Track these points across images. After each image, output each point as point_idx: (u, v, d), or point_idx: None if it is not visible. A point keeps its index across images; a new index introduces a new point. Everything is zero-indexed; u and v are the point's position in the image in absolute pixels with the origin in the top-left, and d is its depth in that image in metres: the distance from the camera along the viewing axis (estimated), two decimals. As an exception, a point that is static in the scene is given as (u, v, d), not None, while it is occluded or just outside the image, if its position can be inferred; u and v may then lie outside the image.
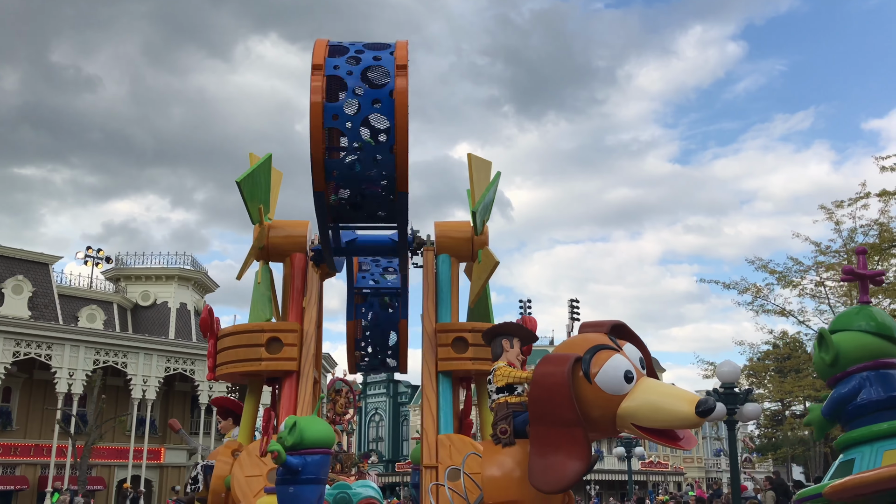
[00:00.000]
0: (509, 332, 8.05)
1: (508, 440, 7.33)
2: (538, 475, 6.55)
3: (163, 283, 47.80)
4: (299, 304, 9.22)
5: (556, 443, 6.43)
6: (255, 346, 8.62)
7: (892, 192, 26.80)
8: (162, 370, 43.15)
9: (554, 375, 6.42)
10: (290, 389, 8.69)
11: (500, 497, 7.14)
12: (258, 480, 7.89)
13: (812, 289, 31.07)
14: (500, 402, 7.57)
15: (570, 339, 7.13)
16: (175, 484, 42.72)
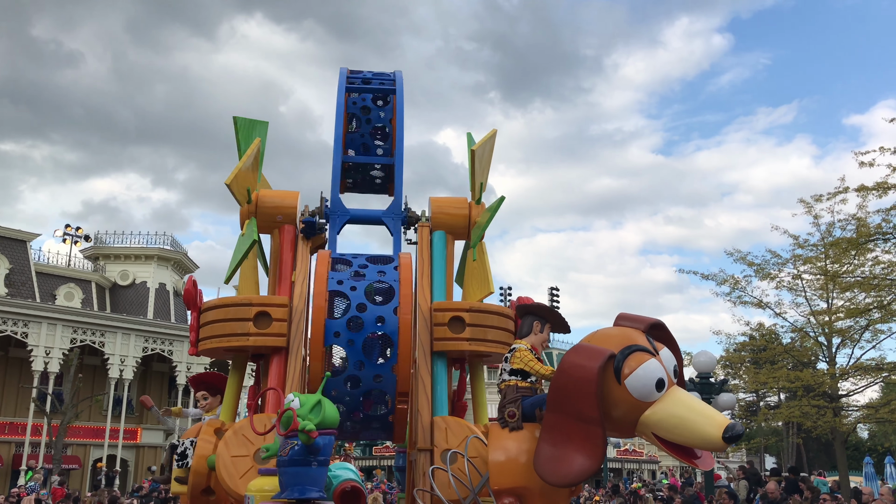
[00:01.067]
0: (543, 316, 7.55)
1: (516, 424, 6.89)
2: (544, 463, 6.16)
3: (142, 263, 46.91)
4: (288, 277, 8.66)
5: (570, 435, 6.05)
6: (243, 320, 8.04)
7: (870, 188, 26.77)
8: (140, 350, 42.39)
9: (583, 369, 5.99)
10: (278, 367, 8.14)
11: (507, 482, 6.68)
12: (245, 461, 7.34)
13: (789, 281, 31.04)
14: (509, 384, 7.12)
15: (606, 330, 6.57)
16: (151, 464, 42.10)
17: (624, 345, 6.11)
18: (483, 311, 8.61)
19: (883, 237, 27.07)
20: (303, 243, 8.86)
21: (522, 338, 7.44)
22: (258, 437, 7.45)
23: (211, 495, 8.16)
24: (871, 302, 28.34)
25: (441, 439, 7.83)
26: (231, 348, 8.29)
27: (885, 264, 27.73)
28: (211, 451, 7.96)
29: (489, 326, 8.59)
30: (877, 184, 26.42)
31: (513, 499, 6.66)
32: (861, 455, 41.21)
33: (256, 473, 7.26)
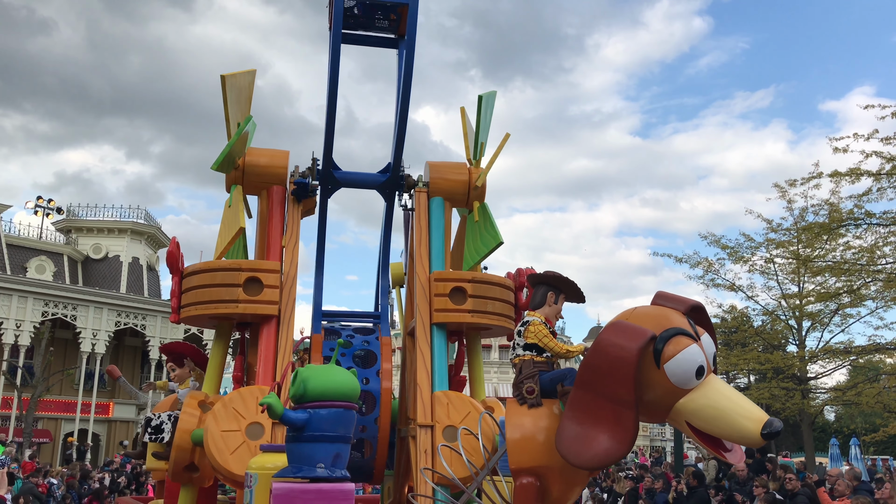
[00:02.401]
0: (558, 285, 6.93)
1: (535, 400, 6.32)
2: (568, 443, 5.62)
3: (115, 237, 45.57)
4: (278, 242, 7.99)
5: (599, 416, 5.56)
6: (231, 286, 7.37)
7: (843, 174, 26.60)
8: (112, 324, 41.32)
9: (622, 349, 5.48)
10: (269, 337, 7.49)
11: (527, 461, 6.11)
12: (236, 436, 6.71)
13: (762, 265, 30.91)
14: (525, 358, 6.54)
15: (645, 309, 6.03)
16: (123, 438, 41.16)
17: (665, 326, 5.61)
18: (485, 281, 8.04)
19: (854, 223, 26.97)
20: (293, 206, 8.19)
21: (535, 309, 6.85)
22: (249, 411, 6.82)
23: (194, 472, 7.53)
24: (841, 286, 28.31)
25: (443, 415, 7.25)
26: (217, 315, 7.63)
27: (855, 249, 27.64)
28: (195, 424, 7.33)
29: (491, 298, 8.02)
30: (850, 170, 26.27)
31: (532, 478, 6.11)
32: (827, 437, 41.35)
33: (248, 449, 6.65)
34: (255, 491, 5.35)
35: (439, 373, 7.65)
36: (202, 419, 7.35)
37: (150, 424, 8.61)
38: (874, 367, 34.68)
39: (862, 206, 26.53)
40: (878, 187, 26.32)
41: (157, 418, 8.59)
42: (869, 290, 27.46)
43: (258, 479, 5.38)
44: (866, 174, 25.77)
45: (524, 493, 6.08)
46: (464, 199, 8.78)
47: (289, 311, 7.55)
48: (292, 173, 8.36)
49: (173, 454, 7.28)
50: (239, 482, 6.66)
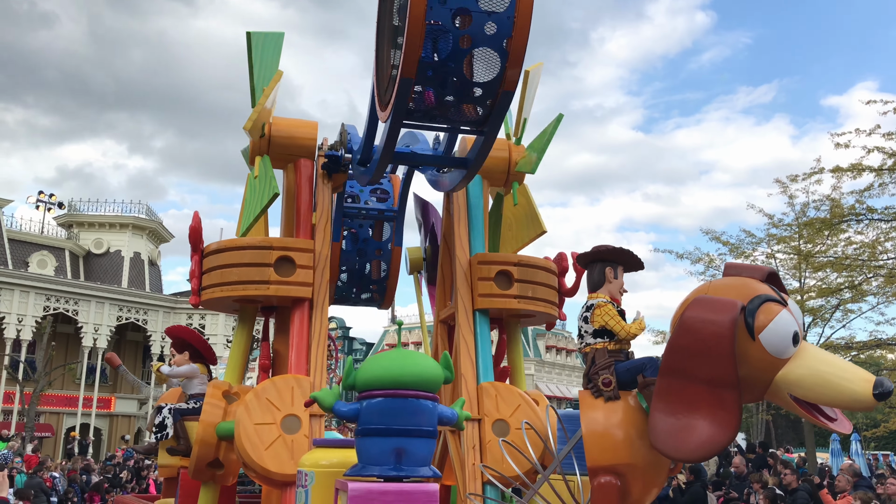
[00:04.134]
0: (614, 259, 6.17)
1: (613, 393, 5.58)
2: (665, 437, 5.01)
3: (116, 232, 44.48)
4: (308, 219, 7.17)
5: (696, 402, 4.98)
6: (261, 265, 6.54)
7: (845, 169, 26.12)
8: (114, 319, 40.33)
9: (714, 324, 4.94)
10: (301, 321, 6.68)
11: (606, 459, 5.36)
12: (270, 429, 5.89)
13: (763, 261, 30.20)
14: (597, 347, 5.76)
15: (725, 280, 5.50)
16: (125, 433, 40.23)
17: (750, 295, 5.12)
18: (532, 265, 7.25)
19: (856, 218, 26.47)
20: (323, 181, 7.37)
21: (595, 290, 6.07)
22: (284, 402, 6.01)
23: (218, 469, 6.70)
24: (842, 282, 27.79)
25: (492, 407, 6.47)
26: (243, 298, 6.80)
27: (857, 245, 27.11)
28: (220, 417, 6.50)
29: (538, 283, 7.24)
30: (851, 165, 25.87)
31: (611, 477, 5.34)
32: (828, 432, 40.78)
33: (285, 444, 5.83)
34: (311, 491, 4.56)
35: (484, 362, 6.86)
36: (227, 411, 6.54)
37: (154, 422, 7.86)
38: (875, 362, 34.15)
39: (863, 202, 26.10)
40: (880, 182, 25.88)
41: (159, 413, 7.81)
42: (870, 285, 26.94)
43: (315, 477, 4.59)
44: (868, 169, 25.36)
45: (605, 492, 5.32)
46: (502, 178, 7.98)
47: (322, 294, 6.74)
48: (320, 146, 7.55)
49: (196, 449, 6.46)
50: (275, 481, 5.86)
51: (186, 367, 7.81)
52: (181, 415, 7.69)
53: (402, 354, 4.50)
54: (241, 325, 7.22)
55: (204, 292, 6.80)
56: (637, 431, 5.45)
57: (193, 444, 6.54)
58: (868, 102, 24.52)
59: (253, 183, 6.84)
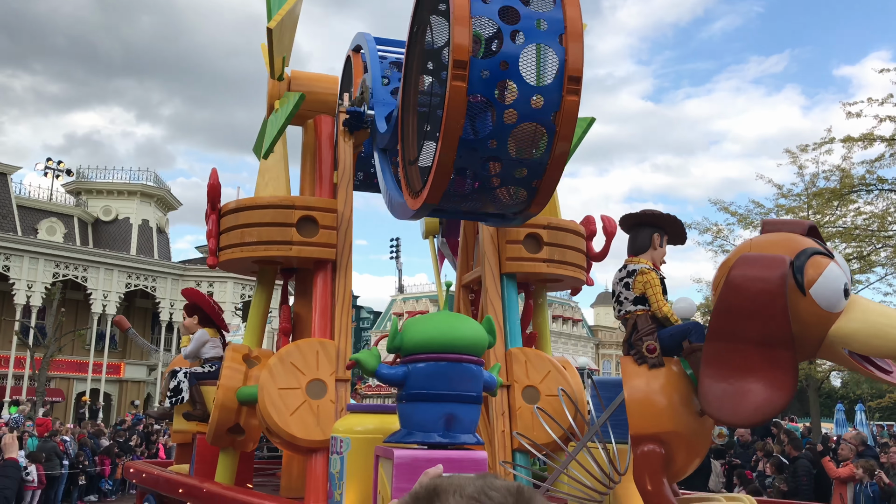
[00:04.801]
0: (664, 226, 5.85)
1: (657, 360, 5.29)
2: (718, 402, 4.75)
3: (125, 199, 44.11)
4: (330, 178, 6.83)
5: (748, 365, 4.73)
6: (283, 225, 6.20)
7: (856, 139, 25.72)
8: (123, 286, 40.09)
9: (764, 281, 4.69)
10: (325, 284, 6.36)
11: (650, 427, 5.09)
12: (295, 394, 5.60)
13: (771, 231, 29.80)
14: (639, 314, 5.46)
15: (768, 237, 5.21)
16: (134, 398, 40.24)
17: (797, 249, 4.89)
18: (562, 228, 6.91)
19: (866, 188, 26.11)
20: (344, 138, 7.01)
21: (637, 254, 5.75)
22: (309, 366, 5.71)
23: (239, 434, 6.43)
24: (851, 252, 27.43)
25: (521, 374, 6.16)
26: (263, 259, 6.48)
27: (866, 215, 26.76)
28: (241, 381, 6.22)
29: (567, 246, 6.91)
30: (862, 135, 25.45)
31: (655, 445, 5.06)
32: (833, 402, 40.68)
33: (310, 409, 5.54)
34: (347, 457, 4.27)
35: (512, 328, 6.56)
36: (248, 375, 6.26)
37: (169, 386, 7.60)
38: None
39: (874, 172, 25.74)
40: (892, 153, 25.49)
41: (174, 378, 7.54)
42: (879, 256, 26.63)
43: (351, 444, 4.30)
44: (879, 139, 24.96)
45: (649, 461, 5.05)
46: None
47: (346, 255, 6.42)
48: (341, 101, 7.18)
49: (216, 414, 6.18)
50: (301, 447, 5.59)
51: (196, 340, 7.56)
52: (197, 379, 7.43)
53: (451, 317, 4.20)
54: (260, 287, 6.92)
55: (222, 253, 6.48)
56: (681, 399, 5.18)
57: (213, 408, 6.26)
58: (881, 71, 24.08)
59: (273, 116, 6.47)
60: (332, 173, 6.82)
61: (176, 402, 7.50)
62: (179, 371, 7.55)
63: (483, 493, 1.21)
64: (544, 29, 4.65)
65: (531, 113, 4.68)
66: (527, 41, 4.62)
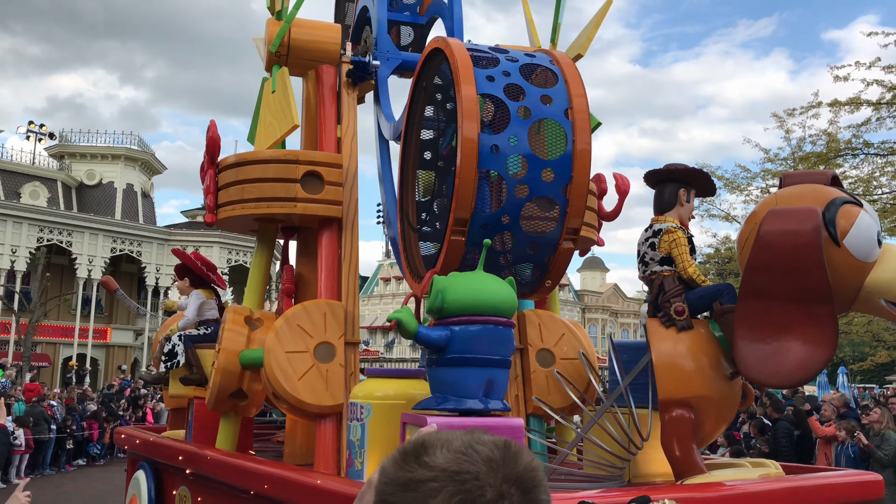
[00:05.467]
0: (690, 181, 5.50)
1: (686, 322, 5.00)
2: (757, 365, 4.50)
3: (109, 163, 43.19)
4: (332, 132, 6.41)
5: (784, 323, 4.47)
6: (286, 180, 5.79)
7: (843, 103, 25.53)
8: (108, 250, 39.49)
9: (798, 234, 4.44)
10: (330, 243, 5.98)
11: (679, 391, 4.81)
12: (303, 357, 5.24)
13: (758, 195, 29.69)
14: (665, 274, 5.14)
15: (791, 189, 4.93)
16: (121, 363, 39.82)
17: (826, 199, 4.65)
18: None
19: (852, 153, 26.03)
20: (347, 91, 6.59)
21: (664, 212, 5.41)
22: (317, 329, 5.36)
23: (242, 399, 6.10)
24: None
25: (535, 336, 5.84)
26: (265, 217, 6.08)
27: (852, 179, 26.62)
28: (243, 344, 5.86)
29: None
30: (849, 99, 25.27)
31: (684, 410, 4.79)
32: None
33: (319, 373, 5.20)
34: (368, 424, 3.95)
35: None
36: (251, 337, 5.90)
37: (163, 350, 7.21)
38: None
39: (860, 136, 25.65)
40: (878, 117, 25.39)
41: (168, 342, 7.16)
42: (864, 219, 26.62)
43: (372, 410, 3.98)
44: (866, 103, 24.82)
45: (678, 426, 4.77)
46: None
47: (352, 213, 6.04)
48: (343, 50, 6.74)
49: (218, 379, 5.83)
50: (309, 412, 5.26)
51: (192, 304, 7.18)
52: (192, 342, 7.06)
53: (489, 278, 3.87)
54: (260, 247, 6.52)
55: (221, 210, 6.07)
56: (710, 362, 4.90)
57: (214, 373, 5.91)
58: (869, 34, 23.84)
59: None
60: (336, 127, 6.41)
61: (171, 366, 7.14)
62: (174, 336, 7.18)
63: (470, 447, 1.22)
64: (550, 105, 4.70)
65: (543, 187, 4.67)
66: (534, 116, 4.64)
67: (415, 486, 1.18)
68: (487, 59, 4.82)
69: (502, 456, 1.21)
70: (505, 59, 4.85)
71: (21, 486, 4.02)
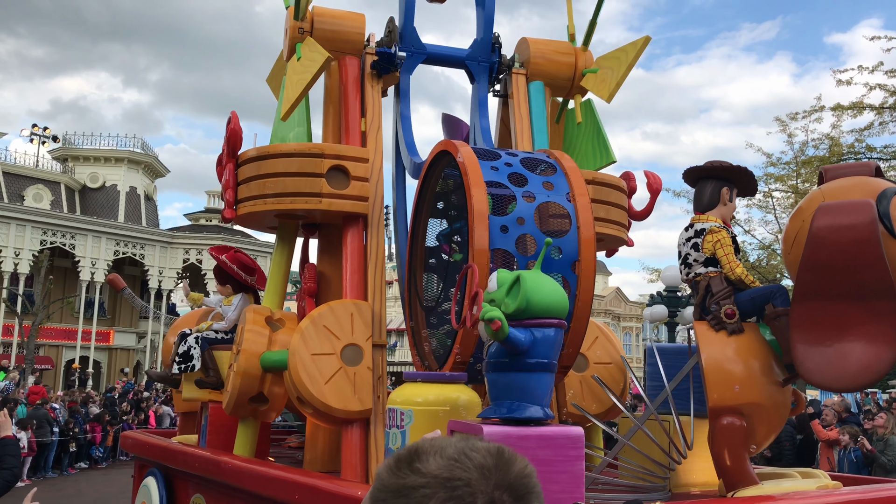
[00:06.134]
0: (733, 178, 5.24)
1: (737, 326, 4.72)
2: (820, 369, 4.25)
3: (112, 166, 42.82)
4: (357, 126, 6.10)
5: (845, 323, 4.22)
6: (311, 175, 5.47)
7: (846, 107, 25.36)
8: (111, 253, 39.14)
9: (855, 229, 4.20)
10: (355, 241, 5.66)
11: (732, 399, 4.52)
12: (330, 360, 4.93)
13: (760, 199, 29.62)
14: (711, 275, 4.85)
15: (836, 183, 4.67)
16: (124, 366, 39.45)
17: (876, 191, 4.42)
18: (606, 184, 6.25)
19: (855, 157, 25.77)
20: (372, 83, 6.28)
21: (705, 211, 5.14)
22: (344, 330, 5.04)
23: (262, 404, 5.77)
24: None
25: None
26: (287, 213, 5.77)
27: (855, 184, 26.39)
28: (265, 346, 5.54)
29: (611, 203, 6.25)
30: (852, 103, 25.10)
31: (735, 418, 4.48)
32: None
33: (346, 377, 4.89)
34: (409, 431, 3.64)
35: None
36: (272, 339, 5.58)
37: (178, 350, 6.77)
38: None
39: (863, 141, 25.57)
40: (881, 121, 25.25)
41: (183, 343, 6.74)
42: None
43: (413, 416, 3.67)
44: (869, 108, 24.66)
45: (731, 435, 4.47)
46: (566, 87, 6.93)
47: (378, 210, 5.72)
48: (367, 41, 6.43)
49: (237, 382, 5.50)
50: (336, 418, 4.94)
51: (237, 307, 6.67)
52: (209, 344, 6.69)
53: (551, 279, 3.57)
54: (281, 244, 6.19)
55: (242, 205, 5.75)
56: (762, 367, 4.60)
57: (234, 376, 5.58)
58: (872, 38, 23.79)
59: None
60: (360, 120, 6.10)
61: (186, 368, 6.74)
62: (190, 335, 6.78)
63: (463, 453, 1.22)
64: (551, 190, 4.87)
65: (552, 264, 4.71)
66: (538, 200, 4.79)
67: (407, 493, 1.19)
68: (490, 153, 5.02)
69: (495, 463, 1.21)
70: (506, 153, 5.07)
71: (30, 495, 3.70)
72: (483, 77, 6.82)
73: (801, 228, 4.60)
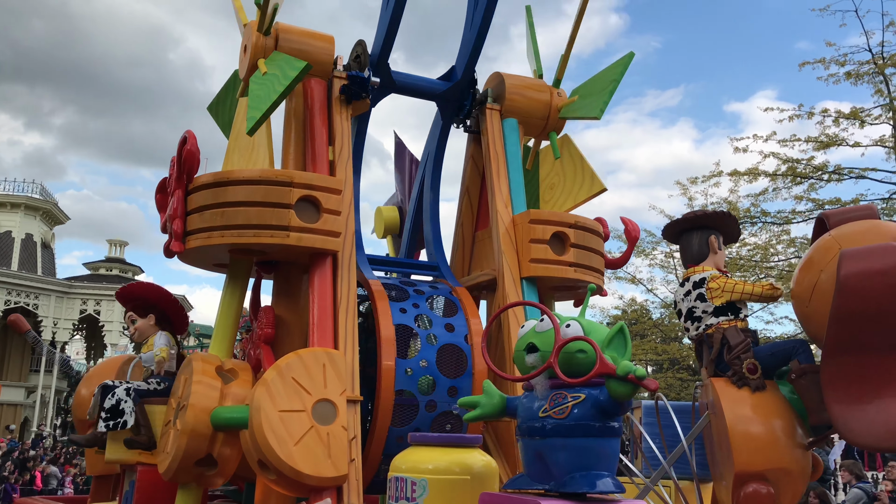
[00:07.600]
0: (716, 226, 4.99)
1: (760, 382, 4.36)
2: (861, 428, 3.86)
3: (7, 211, 39.80)
4: (324, 153, 5.39)
5: (885, 377, 3.88)
6: (279, 206, 4.70)
7: (742, 173, 26.44)
8: (2, 303, 36.15)
9: (885, 274, 3.89)
10: (323, 281, 4.89)
11: (759, 464, 4.06)
12: (300, 418, 4.11)
13: (662, 259, 30.39)
14: (724, 326, 4.41)
15: (848, 228, 4.38)
16: (10, 423, 36.16)
17: (889, 234, 4.22)
18: (587, 228, 5.80)
19: (751, 221, 26.71)
20: (340, 108, 5.61)
21: (698, 262, 4.82)
22: (315, 384, 4.26)
23: (209, 467, 4.84)
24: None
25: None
26: (247, 247, 4.95)
27: (751, 247, 27.46)
28: (216, 401, 4.67)
29: (591, 249, 5.79)
30: (748, 170, 26.16)
31: (761, 484, 3.96)
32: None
33: (318, 438, 4.09)
34: (423, 504, 2.93)
35: (539, 337, 5.32)
36: (224, 393, 4.71)
37: (106, 396, 5.69)
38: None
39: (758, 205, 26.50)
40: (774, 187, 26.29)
41: (111, 396, 5.69)
42: (762, 286, 27.26)
43: (428, 487, 2.94)
44: (763, 174, 25.71)
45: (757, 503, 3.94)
46: (540, 125, 6.47)
47: (349, 247, 5.01)
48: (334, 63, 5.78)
49: (182, 442, 4.58)
50: (306, 485, 4.11)
51: (164, 342, 5.77)
52: (141, 397, 5.67)
53: None
54: (232, 284, 5.33)
55: (193, 237, 4.89)
56: (786, 429, 4.16)
57: (180, 434, 4.64)
58: (766, 110, 24.86)
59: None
60: (327, 149, 5.40)
61: (115, 426, 5.64)
62: (118, 386, 5.71)
63: None
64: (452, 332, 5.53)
65: (449, 401, 5.37)
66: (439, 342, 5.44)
67: None
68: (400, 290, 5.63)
69: None
70: (413, 291, 5.68)
71: None
72: (454, 112, 6.32)
73: (818, 280, 4.22)
